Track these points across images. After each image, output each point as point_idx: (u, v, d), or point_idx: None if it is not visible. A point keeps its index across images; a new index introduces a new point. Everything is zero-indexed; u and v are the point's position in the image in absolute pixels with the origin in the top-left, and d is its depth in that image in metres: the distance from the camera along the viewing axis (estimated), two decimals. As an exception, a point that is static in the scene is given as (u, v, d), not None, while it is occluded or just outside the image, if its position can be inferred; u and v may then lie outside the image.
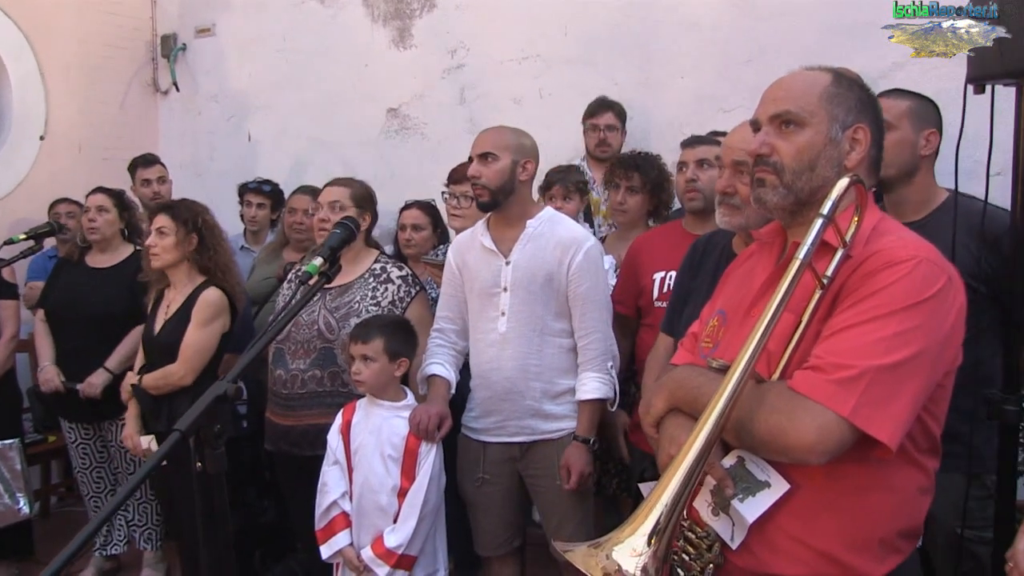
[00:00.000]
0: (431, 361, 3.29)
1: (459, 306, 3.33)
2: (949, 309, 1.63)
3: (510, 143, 3.17)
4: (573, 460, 3.10)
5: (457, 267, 3.32)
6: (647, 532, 1.44)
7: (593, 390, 3.13)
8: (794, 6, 4.63)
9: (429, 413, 3.11)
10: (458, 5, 5.57)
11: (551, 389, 3.17)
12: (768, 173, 1.78)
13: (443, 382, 3.26)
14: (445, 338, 3.35)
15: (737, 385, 1.53)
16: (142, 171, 5.27)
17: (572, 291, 3.14)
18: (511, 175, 3.14)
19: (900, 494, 1.70)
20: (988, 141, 2.33)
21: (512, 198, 3.17)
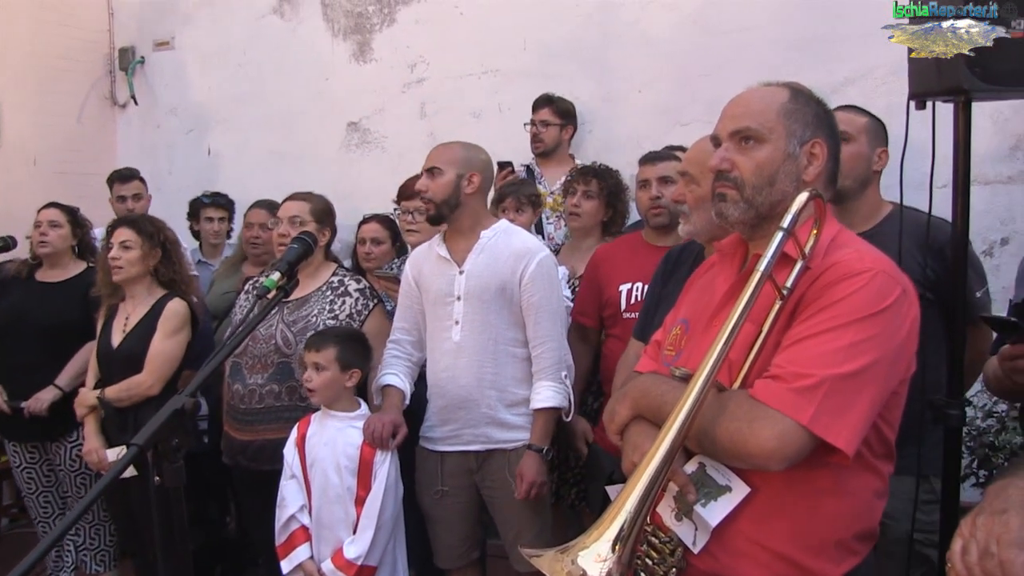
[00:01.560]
0: (386, 372, 3.32)
1: (415, 317, 3.36)
2: (904, 320, 1.69)
3: (456, 157, 3.21)
4: (525, 469, 3.13)
5: (414, 278, 3.35)
6: (611, 538, 1.48)
7: (547, 399, 3.16)
8: (750, 22, 4.72)
9: (383, 421, 3.13)
10: (418, 20, 5.59)
11: (506, 398, 3.20)
12: (729, 188, 1.82)
13: (397, 392, 3.28)
14: (401, 349, 3.37)
15: (699, 394, 1.57)
16: (119, 186, 5.19)
17: (525, 301, 3.17)
18: (456, 189, 3.18)
19: (857, 498, 1.75)
20: (932, 154, 2.42)
21: (460, 211, 3.21)
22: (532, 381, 3.21)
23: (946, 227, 2.56)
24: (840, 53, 4.50)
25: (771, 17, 4.68)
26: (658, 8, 4.95)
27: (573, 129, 4.88)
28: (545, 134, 4.75)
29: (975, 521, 1.40)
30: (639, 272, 3.38)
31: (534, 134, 4.77)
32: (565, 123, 4.80)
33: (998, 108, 4.07)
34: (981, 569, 1.34)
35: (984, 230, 4.27)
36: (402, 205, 4.08)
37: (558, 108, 4.78)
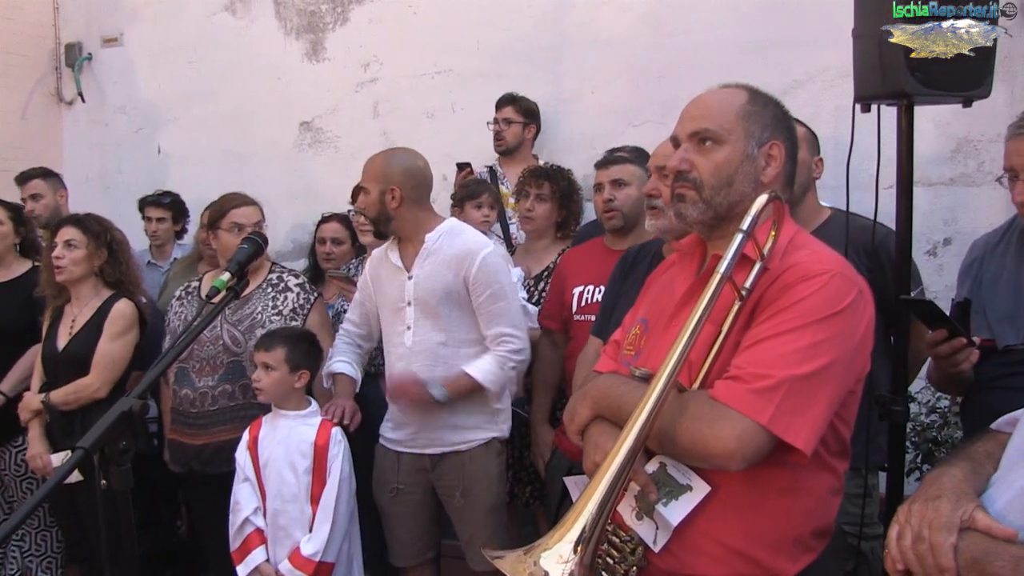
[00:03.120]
0: (337, 359, 3.36)
1: (366, 314, 3.41)
2: (860, 320, 1.72)
3: (376, 174, 3.22)
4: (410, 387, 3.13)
5: (371, 279, 3.38)
6: (573, 539, 1.49)
7: (479, 371, 3.15)
8: (702, 24, 4.77)
9: (343, 403, 3.20)
10: (371, 19, 5.57)
11: (463, 406, 3.20)
12: (688, 189, 1.84)
13: (348, 379, 3.33)
14: (350, 339, 3.42)
15: (660, 395, 1.58)
16: (21, 189, 5.03)
17: (475, 301, 3.18)
18: (382, 205, 3.19)
19: (814, 495, 1.78)
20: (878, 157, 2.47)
21: (395, 224, 3.23)
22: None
23: (880, 230, 2.63)
24: (791, 56, 4.57)
25: (723, 19, 4.73)
26: (612, 9, 4.98)
27: (536, 128, 4.88)
28: (507, 132, 4.76)
29: (910, 508, 1.45)
30: (593, 275, 3.42)
31: (496, 132, 4.78)
32: (528, 122, 4.81)
33: (940, 112, 4.16)
34: (914, 552, 1.39)
35: (928, 231, 4.37)
36: (356, 206, 4.05)
37: (521, 107, 4.79)
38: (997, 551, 1.32)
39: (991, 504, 1.44)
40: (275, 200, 5.11)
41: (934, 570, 1.36)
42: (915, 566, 1.39)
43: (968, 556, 1.34)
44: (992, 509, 1.41)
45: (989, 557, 1.32)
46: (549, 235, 4.06)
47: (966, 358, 2.30)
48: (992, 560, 1.32)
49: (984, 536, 1.35)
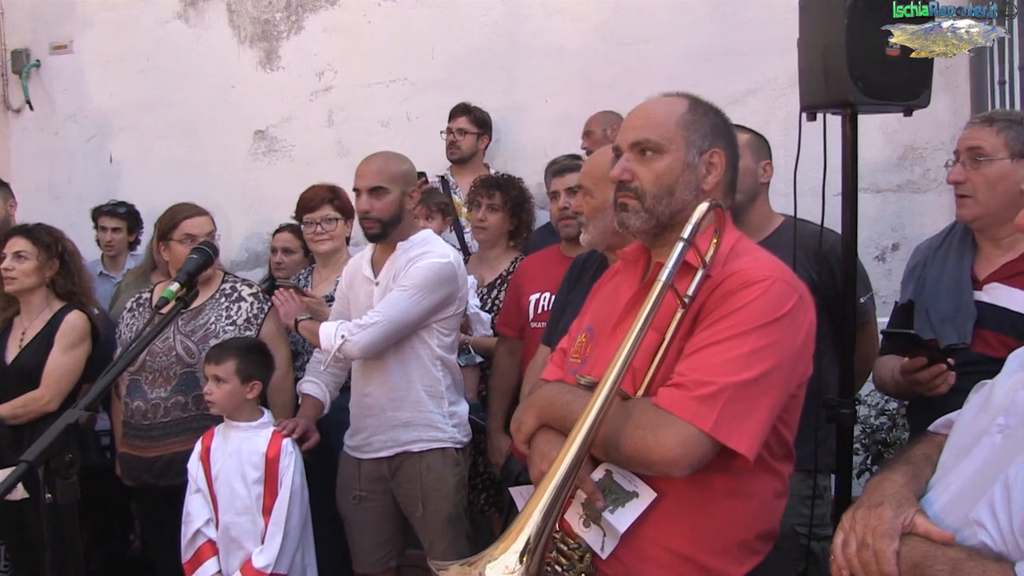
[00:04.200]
0: (307, 379, 3.38)
1: None
2: (801, 326, 1.74)
3: (397, 174, 3.21)
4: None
5: (346, 286, 3.38)
6: (519, 550, 1.48)
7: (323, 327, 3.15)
8: (655, 33, 4.83)
9: (297, 422, 3.20)
10: (325, 28, 5.55)
11: (414, 404, 3.21)
12: (630, 198, 1.86)
13: (314, 401, 3.33)
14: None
15: (604, 403, 1.59)
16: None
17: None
18: (400, 207, 3.19)
19: (758, 499, 1.80)
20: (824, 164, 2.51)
21: (401, 227, 3.23)
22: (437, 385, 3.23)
23: (830, 236, 2.66)
24: (742, 65, 4.64)
25: (676, 29, 4.80)
26: (565, 19, 5.02)
27: (488, 139, 4.92)
28: (463, 142, 4.80)
29: (854, 515, 1.48)
30: (549, 282, 3.43)
31: (451, 142, 4.80)
32: (482, 132, 4.85)
33: (887, 120, 4.25)
34: (859, 559, 1.42)
35: (876, 236, 4.45)
36: (305, 218, 4.03)
37: (475, 117, 4.83)
38: (936, 555, 1.35)
39: (930, 507, 1.47)
40: (229, 209, 5.09)
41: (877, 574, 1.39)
42: (860, 572, 1.42)
43: (909, 561, 1.37)
44: (931, 512, 1.45)
45: (928, 561, 1.35)
46: (502, 244, 4.07)
47: (944, 381, 2.34)
48: (931, 564, 1.35)
49: (924, 540, 1.38)
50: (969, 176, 2.47)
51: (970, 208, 2.49)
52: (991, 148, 2.44)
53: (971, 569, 1.31)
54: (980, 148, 2.46)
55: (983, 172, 2.45)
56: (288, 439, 3.16)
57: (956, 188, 2.52)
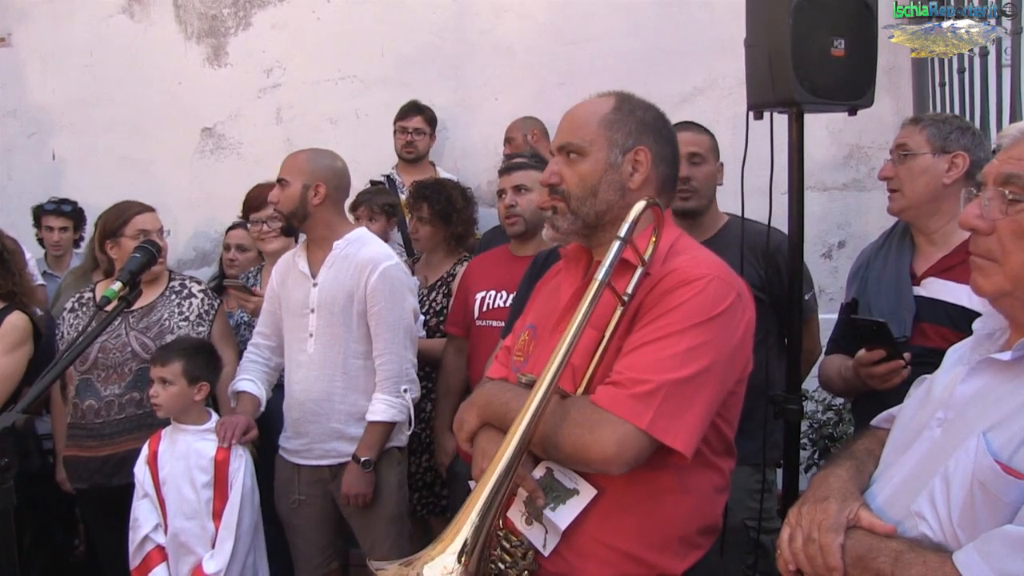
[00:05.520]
0: (242, 377, 3.29)
1: (277, 323, 3.33)
2: (738, 323, 1.75)
3: (302, 167, 3.18)
4: (345, 481, 3.12)
5: (277, 285, 3.32)
6: (456, 550, 1.47)
7: (379, 412, 3.13)
8: (603, 32, 4.86)
9: (234, 421, 3.11)
10: (274, 24, 5.49)
11: (356, 411, 3.17)
12: (558, 200, 1.88)
13: (251, 399, 3.25)
14: (260, 354, 3.35)
15: (541, 401, 1.59)
16: None
17: (368, 311, 3.15)
18: (302, 200, 3.15)
19: (698, 494, 1.81)
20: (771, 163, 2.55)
21: (310, 222, 3.19)
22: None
23: (776, 235, 2.72)
24: (690, 64, 4.69)
25: (624, 28, 4.83)
26: (514, 17, 5.03)
27: (434, 138, 4.93)
28: (419, 142, 4.80)
29: (800, 510, 1.50)
30: (496, 281, 3.44)
31: (408, 141, 4.78)
32: (433, 131, 4.86)
33: (833, 120, 4.33)
34: (805, 553, 1.44)
35: (823, 234, 4.53)
36: (251, 217, 3.98)
37: (427, 117, 4.84)
38: (879, 547, 1.38)
39: (873, 500, 1.51)
40: (176, 207, 5.02)
41: (823, 570, 1.42)
42: (806, 566, 1.44)
43: (853, 554, 1.39)
44: (874, 505, 1.48)
45: (872, 553, 1.38)
46: (441, 249, 4.02)
47: (898, 375, 2.38)
48: (875, 556, 1.37)
49: (867, 533, 1.41)
50: (897, 171, 2.59)
51: (898, 201, 2.61)
52: (915, 145, 2.56)
53: (912, 560, 1.34)
54: (905, 145, 2.59)
55: (908, 167, 2.56)
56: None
57: (887, 184, 2.63)
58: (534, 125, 4.64)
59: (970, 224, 1.45)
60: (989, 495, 1.32)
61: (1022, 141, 1.44)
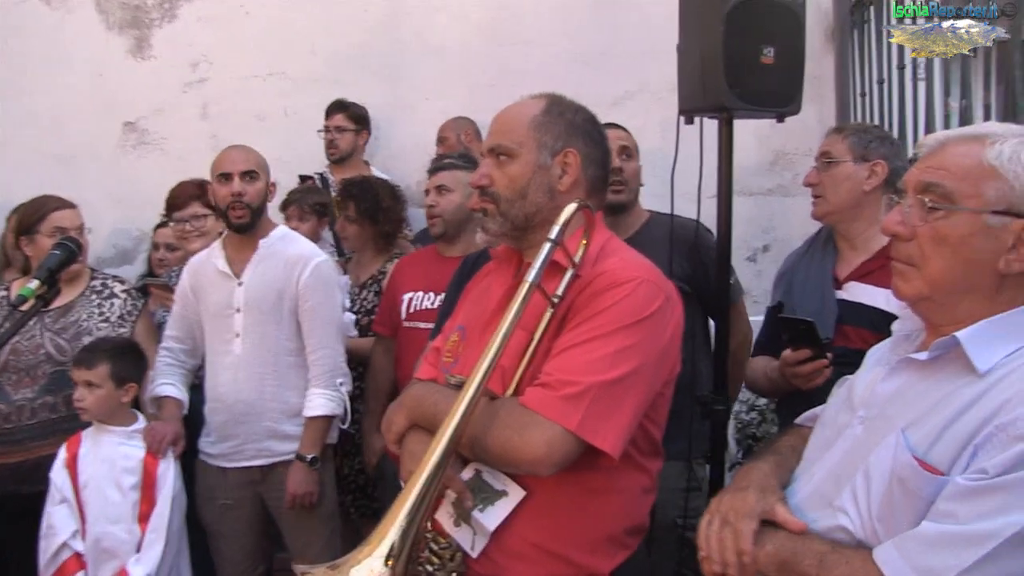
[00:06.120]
0: (161, 381, 3.22)
1: (190, 326, 3.28)
2: (666, 326, 1.78)
3: (262, 163, 3.19)
4: (290, 479, 3.10)
5: (191, 288, 3.25)
6: (384, 554, 1.47)
7: (319, 407, 3.13)
8: (537, 34, 4.88)
9: (163, 430, 3.05)
10: (200, 17, 5.36)
11: (288, 409, 3.16)
12: (488, 203, 1.89)
13: (175, 403, 3.20)
14: (174, 357, 3.29)
15: (470, 403, 1.60)
16: None
17: (301, 307, 3.14)
18: (264, 196, 3.17)
19: (626, 495, 1.83)
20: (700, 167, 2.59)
21: (260, 219, 3.18)
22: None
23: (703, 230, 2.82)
24: (622, 68, 4.74)
25: (557, 31, 4.86)
26: (447, 17, 5.02)
27: (367, 134, 4.88)
28: (340, 140, 4.74)
29: (721, 499, 1.57)
30: (423, 282, 3.43)
31: (329, 140, 4.73)
32: (359, 128, 4.80)
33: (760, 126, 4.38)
34: (718, 538, 1.51)
35: (748, 238, 4.62)
36: (174, 216, 3.89)
37: (352, 114, 4.78)
38: (803, 550, 1.43)
39: (793, 496, 1.56)
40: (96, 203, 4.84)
41: (733, 553, 1.47)
42: (716, 548, 1.50)
43: (778, 559, 1.44)
44: (794, 500, 1.54)
45: (797, 557, 1.42)
46: (369, 248, 4.01)
47: (822, 375, 2.43)
48: (800, 560, 1.42)
49: (790, 536, 1.46)
50: (821, 178, 2.69)
51: (821, 207, 2.70)
52: (837, 153, 2.66)
53: (836, 560, 1.38)
54: (829, 153, 2.68)
55: (831, 174, 2.66)
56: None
57: (812, 189, 2.72)
58: (467, 125, 4.64)
59: (892, 230, 1.50)
60: (907, 490, 1.37)
61: (939, 151, 1.50)
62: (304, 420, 3.15)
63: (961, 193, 1.43)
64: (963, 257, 1.43)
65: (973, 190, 1.42)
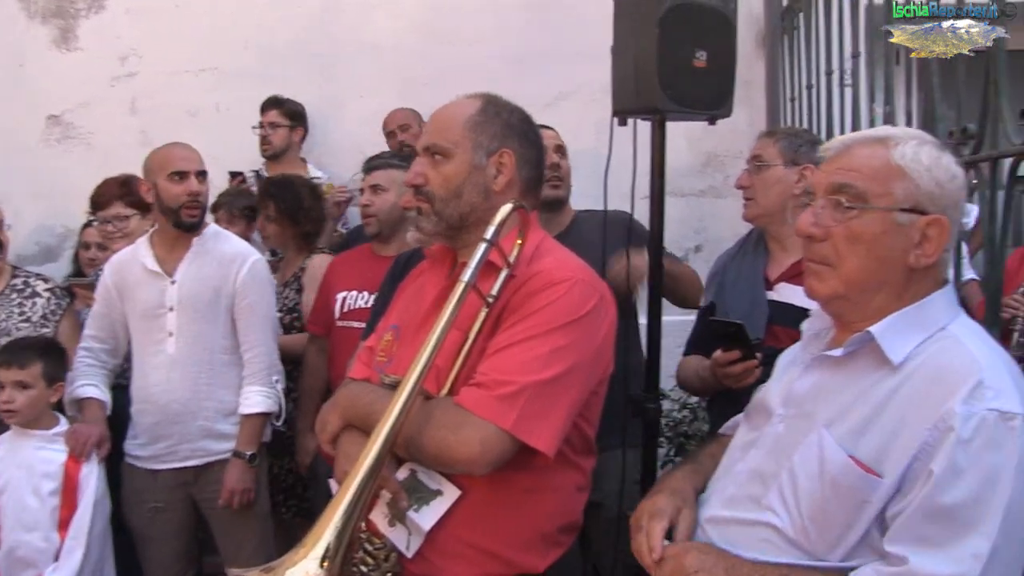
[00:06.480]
0: (83, 383, 3.15)
1: (112, 326, 3.21)
2: (600, 325, 1.80)
3: (201, 163, 3.17)
4: (227, 476, 3.08)
5: (115, 287, 3.18)
6: (319, 555, 1.46)
7: (256, 403, 3.12)
8: (473, 34, 4.87)
9: (87, 432, 2.99)
10: (129, 9, 5.23)
11: (224, 408, 3.13)
12: (423, 202, 1.89)
13: (98, 404, 3.14)
14: (95, 357, 3.22)
15: (405, 403, 1.59)
16: None
17: (237, 304, 3.13)
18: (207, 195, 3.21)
19: (560, 493, 1.85)
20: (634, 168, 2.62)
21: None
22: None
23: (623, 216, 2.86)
24: (557, 69, 4.76)
25: (493, 31, 4.86)
26: (383, 15, 4.98)
27: (304, 131, 4.81)
28: (274, 136, 4.67)
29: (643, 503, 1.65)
30: (357, 281, 3.41)
31: (263, 136, 4.67)
32: (294, 125, 4.74)
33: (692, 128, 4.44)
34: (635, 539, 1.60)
35: (680, 239, 4.68)
36: (99, 215, 3.80)
37: (286, 110, 4.71)
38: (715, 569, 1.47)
39: (705, 505, 1.64)
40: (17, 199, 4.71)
41: (647, 551, 1.55)
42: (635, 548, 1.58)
43: None
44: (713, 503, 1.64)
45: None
46: (291, 247, 3.99)
47: (752, 375, 2.48)
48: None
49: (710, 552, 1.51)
50: (752, 181, 2.74)
51: (752, 209, 2.77)
52: (768, 156, 2.72)
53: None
54: (760, 156, 2.74)
55: (762, 177, 2.72)
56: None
57: (743, 192, 2.78)
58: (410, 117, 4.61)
59: (806, 231, 1.55)
60: (841, 490, 1.41)
61: (845, 153, 1.55)
62: (240, 417, 3.13)
63: (872, 192, 1.49)
64: (876, 255, 1.49)
65: (883, 189, 1.48)
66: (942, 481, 1.32)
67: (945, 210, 1.49)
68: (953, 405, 1.35)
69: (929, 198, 1.48)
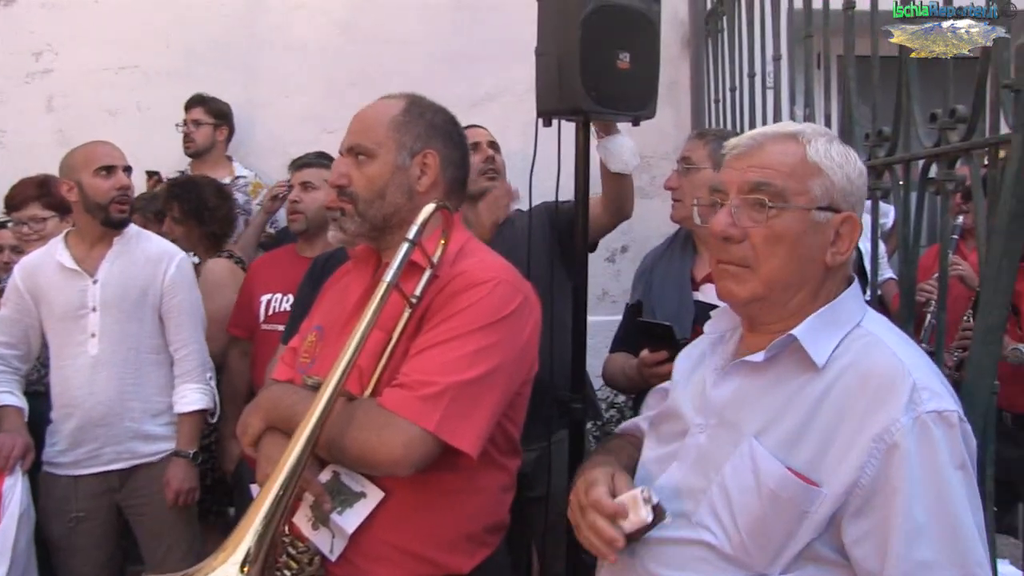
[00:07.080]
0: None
1: (24, 331, 3.12)
2: (524, 326, 1.80)
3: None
4: (172, 475, 3.05)
5: (27, 290, 3.08)
6: (239, 560, 1.44)
7: (194, 401, 3.11)
8: (400, 34, 4.85)
9: (10, 442, 2.91)
10: (44, 3, 5.07)
11: (151, 408, 3.08)
12: (346, 203, 1.87)
13: (16, 411, 3.06)
14: (7, 364, 3.12)
15: (328, 404, 1.58)
16: None
17: (166, 303, 3.10)
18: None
19: (485, 494, 1.86)
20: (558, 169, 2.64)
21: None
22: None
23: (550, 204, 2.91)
24: (484, 69, 4.77)
25: (419, 31, 4.85)
26: (307, 14, 4.94)
27: (229, 130, 4.74)
28: (197, 134, 4.59)
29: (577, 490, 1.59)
30: (281, 283, 3.39)
31: (186, 134, 4.59)
32: (219, 123, 4.66)
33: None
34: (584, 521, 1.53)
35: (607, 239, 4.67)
36: (13, 216, 3.69)
37: (211, 108, 4.64)
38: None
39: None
40: (-74, 199, 4.54)
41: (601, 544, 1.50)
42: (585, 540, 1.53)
43: None
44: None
45: None
46: (200, 248, 3.91)
47: None
48: None
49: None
50: (680, 182, 2.76)
51: (679, 210, 2.78)
52: (697, 158, 2.73)
53: None
54: (689, 158, 2.75)
55: (690, 179, 2.72)
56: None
57: (672, 193, 2.80)
58: None
59: (724, 233, 1.51)
60: (780, 502, 1.38)
61: (757, 151, 1.52)
62: (178, 416, 3.12)
63: (791, 191, 1.47)
64: (797, 254, 1.47)
65: (801, 187, 1.47)
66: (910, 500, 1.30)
67: (855, 207, 1.50)
68: (897, 415, 1.33)
69: (842, 195, 1.48)
